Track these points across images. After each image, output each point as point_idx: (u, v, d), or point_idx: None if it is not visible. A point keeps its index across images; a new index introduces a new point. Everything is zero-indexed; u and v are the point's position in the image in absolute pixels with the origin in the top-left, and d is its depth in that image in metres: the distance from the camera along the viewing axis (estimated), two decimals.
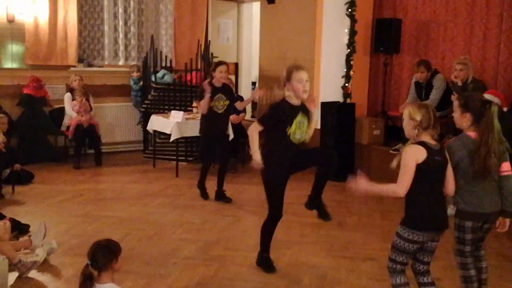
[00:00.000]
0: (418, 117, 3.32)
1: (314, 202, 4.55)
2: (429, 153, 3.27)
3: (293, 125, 4.22)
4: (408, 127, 3.39)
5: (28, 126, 8.42)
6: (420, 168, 3.27)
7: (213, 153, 6.81)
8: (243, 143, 8.54)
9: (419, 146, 3.30)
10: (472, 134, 3.57)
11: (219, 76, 6.44)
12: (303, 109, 4.31)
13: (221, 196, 6.71)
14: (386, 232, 5.51)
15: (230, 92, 6.72)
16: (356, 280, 4.46)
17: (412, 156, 3.28)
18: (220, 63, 6.61)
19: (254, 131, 4.24)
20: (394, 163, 3.42)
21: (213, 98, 6.43)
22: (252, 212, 6.37)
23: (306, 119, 4.31)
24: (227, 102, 6.58)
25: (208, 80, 6.61)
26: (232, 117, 7.97)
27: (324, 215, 4.54)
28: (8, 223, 4.37)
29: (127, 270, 4.36)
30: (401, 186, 3.29)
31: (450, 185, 3.47)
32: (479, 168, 3.47)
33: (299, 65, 4.29)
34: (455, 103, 3.71)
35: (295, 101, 4.27)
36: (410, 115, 3.37)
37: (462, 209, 3.60)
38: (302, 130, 4.30)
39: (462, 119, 3.62)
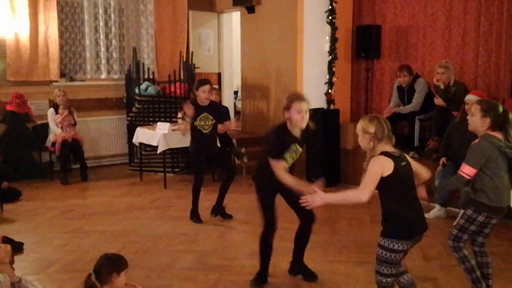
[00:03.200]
0: (372, 129, 3.34)
1: (298, 267, 4.63)
2: (395, 162, 3.30)
3: (288, 152, 4.26)
4: (363, 141, 3.40)
5: (12, 143, 8.37)
6: (391, 178, 3.28)
7: (203, 171, 6.53)
8: (229, 152, 8.58)
9: (386, 158, 3.30)
10: (496, 134, 3.84)
11: (203, 96, 6.08)
12: (299, 140, 4.31)
13: (219, 211, 6.49)
14: (377, 235, 5.48)
15: (216, 110, 6.40)
16: (354, 284, 4.54)
17: (380, 166, 3.28)
18: (203, 82, 6.20)
19: (281, 169, 4.15)
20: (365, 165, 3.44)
21: (197, 117, 6.14)
22: (243, 220, 6.43)
23: (300, 147, 4.35)
24: (213, 122, 6.26)
25: (191, 99, 6.27)
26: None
27: (310, 276, 4.61)
28: (9, 247, 4.34)
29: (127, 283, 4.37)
30: (365, 192, 3.27)
31: (424, 171, 3.57)
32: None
33: (301, 95, 4.29)
34: (475, 107, 3.95)
35: (294, 130, 4.26)
36: (363, 129, 3.38)
37: (483, 202, 3.85)
38: (294, 156, 4.33)
39: (481, 123, 3.89)
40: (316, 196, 3.43)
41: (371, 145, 3.34)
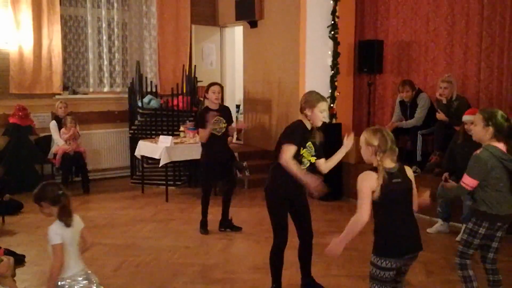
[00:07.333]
0: (375, 142, 3.29)
1: (308, 284, 4.61)
2: (384, 178, 3.23)
3: (305, 148, 4.30)
4: (366, 154, 3.35)
5: (14, 156, 8.38)
6: (377, 194, 3.22)
7: (212, 182, 6.62)
8: (231, 165, 8.56)
9: (372, 172, 3.26)
10: (499, 145, 3.82)
11: (212, 96, 6.25)
12: (313, 134, 4.38)
13: (227, 225, 6.51)
14: None
15: (228, 114, 6.52)
16: None
17: (366, 182, 3.24)
18: (213, 83, 6.45)
19: (290, 156, 4.17)
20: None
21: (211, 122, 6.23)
22: (246, 233, 6.42)
23: (312, 146, 4.36)
24: (225, 125, 6.38)
25: (203, 105, 6.48)
26: None
27: None
28: (11, 259, 4.34)
29: None
30: (362, 212, 3.23)
31: (415, 204, 3.46)
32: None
33: (322, 95, 4.40)
34: (477, 117, 3.94)
35: (308, 125, 4.36)
36: (366, 141, 3.33)
37: (484, 211, 3.84)
38: (309, 154, 4.34)
39: (484, 132, 3.87)
40: (332, 246, 3.36)
41: (376, 158, 3.27)
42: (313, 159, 4.37)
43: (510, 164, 3.82)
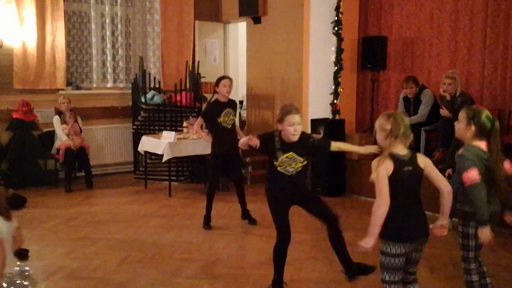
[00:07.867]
0: (388, 126, 3.32)
1: (353, 270, 4.55)
2: (396, 165, 3.27)
3: (280, 160, 4.28)
4: (380, 138, 3.39)
5: (18, 151, 8.39)
6: (389, 181, 3.26)
7: (219, 176, 6.64)
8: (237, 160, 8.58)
9: (387, 159, 3.29)
10: (480, 144, 3.72)
11: (223, 90, 6.30)
12: (297, 145, 4.29)
13: (246, 215, 6.61)
14: None
15: (235, 106, 6.59)
16: None
17: (381, 168, 3.27)
18: (223, 77, 6.51)
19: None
20: (373, 176, 3.35)
21: (221, 114, 6.33)
22: (249, 229, 6.43)
23: (299, 157, 4.30)
24: (234, 118, 6.49)
25: (211, 98, 6.54)
26: None
27: (368, 270, 4.53)
28: None
29: None
30: (382, 198, 3.25)
31: (442, 185, 3.45)
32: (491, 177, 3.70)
33: (294, 108, 4.27)
34: (461, 114, 3.83)
35: (288, 140, 4.29)
36: (380, 126, 3.38)
37: (468, 211, 3.76)
38: (295, 164, 4.31)
39: (466, 130, 3.77)
40: (364, 242, 3.35)
41: (387, 142, 3.31)
42: (299, 165, 4.33)
43: (490, 162, 3.71)
